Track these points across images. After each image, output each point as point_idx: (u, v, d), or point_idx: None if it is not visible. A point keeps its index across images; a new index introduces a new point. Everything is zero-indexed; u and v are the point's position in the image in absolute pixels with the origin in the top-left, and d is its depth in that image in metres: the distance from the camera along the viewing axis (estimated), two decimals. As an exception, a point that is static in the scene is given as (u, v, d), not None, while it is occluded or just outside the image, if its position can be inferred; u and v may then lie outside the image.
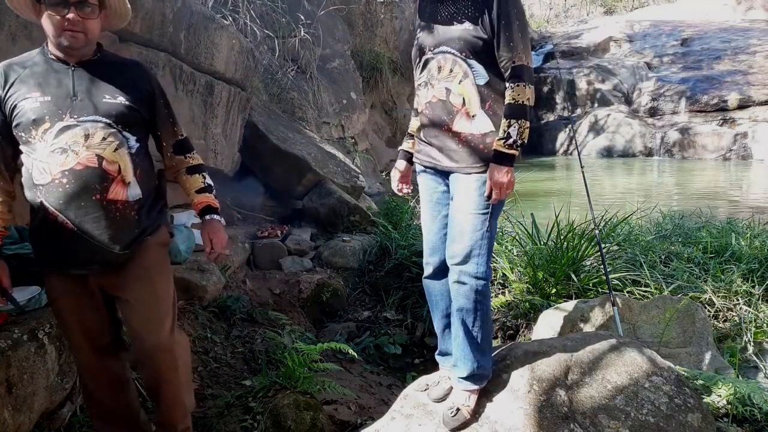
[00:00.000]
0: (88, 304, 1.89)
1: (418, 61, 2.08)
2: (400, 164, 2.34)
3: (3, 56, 2.35)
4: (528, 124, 1.95)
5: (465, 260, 2.00)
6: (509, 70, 1.94)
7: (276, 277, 4.46)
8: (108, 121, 1.79)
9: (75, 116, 1.76)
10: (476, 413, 2.08)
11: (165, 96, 2.01)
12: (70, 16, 1.72)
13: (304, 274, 4.53)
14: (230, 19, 5.87)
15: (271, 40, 7.16)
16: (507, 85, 1.95)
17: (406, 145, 2.35)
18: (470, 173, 1.99)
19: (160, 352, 1.93)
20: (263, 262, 4.69)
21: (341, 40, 10.06)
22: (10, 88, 1.79)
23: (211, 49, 4.02)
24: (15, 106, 1.77)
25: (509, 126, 1.93)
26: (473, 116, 1.97)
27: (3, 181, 1.84)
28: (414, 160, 2.24)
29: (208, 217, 2.07)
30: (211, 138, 4.26)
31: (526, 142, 1.96)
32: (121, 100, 1.83)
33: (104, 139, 1.78)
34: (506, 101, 1.94)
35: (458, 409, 2.04)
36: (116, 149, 1.80)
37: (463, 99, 1.97)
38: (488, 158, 1.97)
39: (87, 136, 1.76)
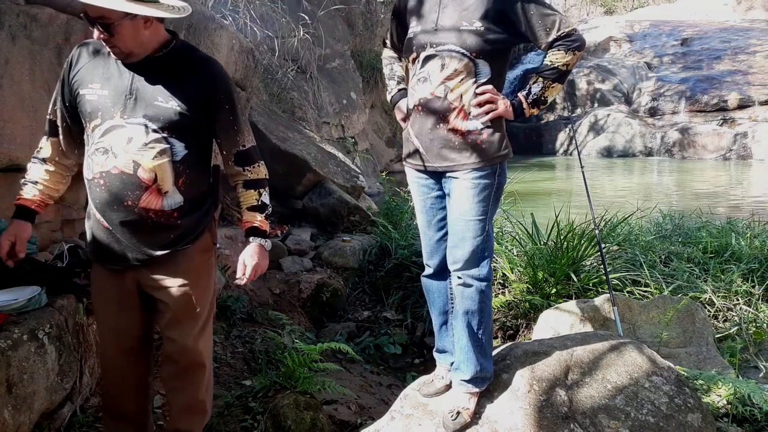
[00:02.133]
0: (120, 302, 1.87)
1: (415, 56, 2.04)
2: (402, 104, 2.24)
3: (3, 56, 2.35)
4: (557, 85, 1.99)
5: (468, 265, 2.00)
6: (555, 46, 1.94)
7: (276, 277, 4.46)
8: (154, 126, 1.71)
9: (125, 117, 1.70)
10: (476, 414, 2.08)
11: (233, 102, 1.82)
12: (95, 34, 1.65)
13: (304, 274, 4.53)
14: (230, 19, 5.87)
15: (271, 40, 7.16)
16: (549, 51, 1.97)
17: (400, 84, 2.28)
18: (466, 171, 1.97)
19: (187, 354, 1.93)
20: (263, 262, 4.69)
21: (341, 40, 10.06)
22: (78, 72, 1.76)
23: (211, 49, 4.02)
24: (78, 93, 1.75)
25: (534, 82, 2.00)
26: (469, 114, 1.97)
27: (59, 156, 1.86)
28: (404, 163, 2.21)
29: (250, 239, 1.91)
30: (211, 138, 4.25)
31: (548, 101, 2.02)
32: (173, 105, 1.71)
33: (146, 144, 1.70)
34: (543, 62, 1.99)
35: (459, 413, 2.03)
36: (155, 157, 1.71)
37: (461, 96, 1.96)
38: (483, 154, 1.96)
39: (130, 140, 1.69)
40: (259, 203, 1.92)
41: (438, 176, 2.07)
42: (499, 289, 4.00)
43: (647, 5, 25.09)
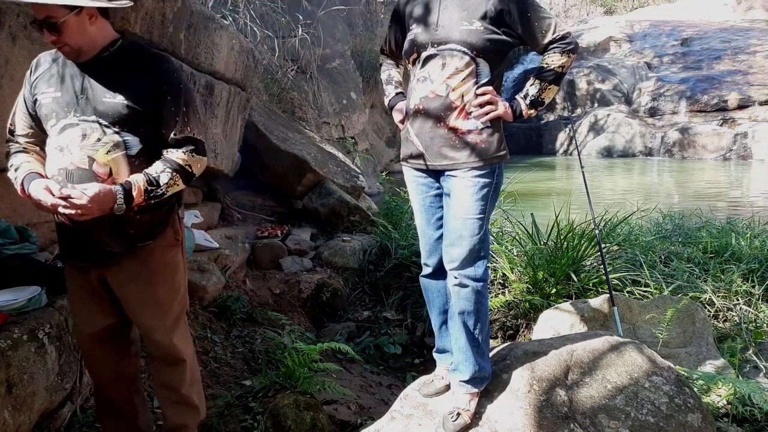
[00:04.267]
0: (88, 296, 1.91)
1: (415, 56, 2.05)
2: (401, 106, 2.24)
3: (3, 56, 2.36)
4: (554, 87, 2.01)
5: (465, 264, 2.00)
6: (550, 48, 1.97)
7: (276, 277, 4.46)
8: (105, 122, 1.75)
9: (77, 115, 1.76)
10: (476, 414, 2.07)
11: (178, 95, 1.82)
12: (45, 35, 1.70)
13: (304, 274, 4.53)
14: (230, 19, 5.88)
15: (271, 40, 7.17)
16: (545, 54, 2.00)
17: (398, 89, 2.30)
18: (465, 169, 1.98)
19: (161, 349, 1.97)
20: (263, 262, 4.69)
21: (341, 40, 10.07)
22: (36, 79, 1.83)
23: (211, 49, 4.02)
24: (36, 99, 1.82)
25: (531, 85, 2.02)
26: (470, 113, 1.98)
27: (34, 149, 1.91)
28: (402, 162, 2.23)
29: (116, 185, 1.72)
30: (211, 138, 4.25)
31: (545, 103, 2.04)
32: (121, 99, 1.75)
33: (99, 140, 1.75)
34: (540, 64, 2.02)
35: (459, 414, 2.03)
36: (109, 151, 1.75)
37: (462, 96, 1.97)
38: (483, 153, 1.97)
39: (84, 136, 1.75)
40: (155, 176, 1.78)
41: (437, 175, 2.08)
42: (499, 289, 4.00)
43: (647, 5, 25.10)
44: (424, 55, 2.00)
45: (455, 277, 2.02)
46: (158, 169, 1.81)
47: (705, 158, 14.06)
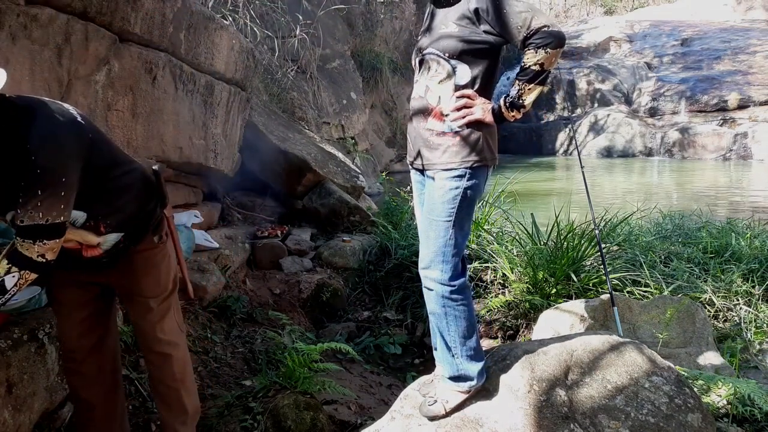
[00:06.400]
0: (76, 300, 1.94)
1: (413, 63, 2.15)
2: None
3: (3, 56, 2.35)
4: (535, 87, 1.89)
5: (429, 265, 2.02)
6: (526, 45, 1.87)
7: (276, 277, 4.46)
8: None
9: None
10: (476, 414, 2.08)
11: (32, 176, 1.53)
12: None
13: (304, 274, 4.53)
14: (230, 19, 5.88)
15: (271, 40, 7.17)
16: (524, 51, 1.90)
17: None
18: (436, 171, 2.00)
19: (147, 339, 2.04)
20: (263, 262, 4.69)
21: (341, 40, 10.07)
22: None
23: (211, 49, 4.02)
24: None
25: (512, 85, 1.96)
26: (446, 116, 1.99)
27: None
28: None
29: None
30: (211, 138, 4.25)
31: (527, 105, 1.93)
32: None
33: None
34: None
35: (436, 401, 2.06)
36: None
37: (439, 98, 1.99)
38: (453, 156, 1.97)
39: None
40: None
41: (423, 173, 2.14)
42: (499, 289, 4.00)
43: (647, 5, 25.12)
44: (418, 59, 2.10)
45: (423, 279, 2.06)
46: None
47: (705, 158, 14.06)
